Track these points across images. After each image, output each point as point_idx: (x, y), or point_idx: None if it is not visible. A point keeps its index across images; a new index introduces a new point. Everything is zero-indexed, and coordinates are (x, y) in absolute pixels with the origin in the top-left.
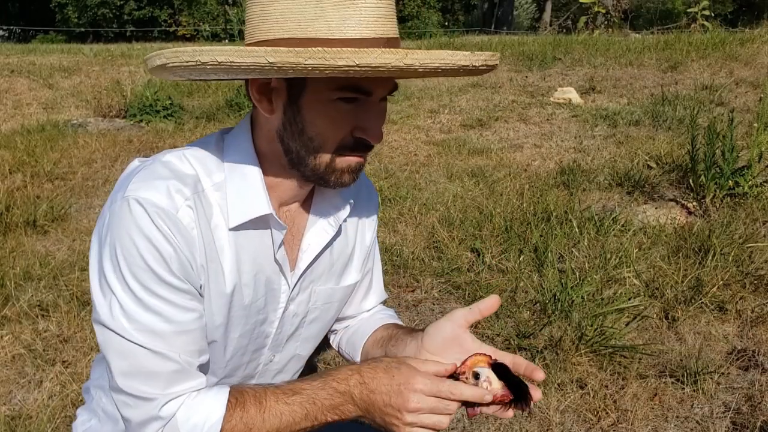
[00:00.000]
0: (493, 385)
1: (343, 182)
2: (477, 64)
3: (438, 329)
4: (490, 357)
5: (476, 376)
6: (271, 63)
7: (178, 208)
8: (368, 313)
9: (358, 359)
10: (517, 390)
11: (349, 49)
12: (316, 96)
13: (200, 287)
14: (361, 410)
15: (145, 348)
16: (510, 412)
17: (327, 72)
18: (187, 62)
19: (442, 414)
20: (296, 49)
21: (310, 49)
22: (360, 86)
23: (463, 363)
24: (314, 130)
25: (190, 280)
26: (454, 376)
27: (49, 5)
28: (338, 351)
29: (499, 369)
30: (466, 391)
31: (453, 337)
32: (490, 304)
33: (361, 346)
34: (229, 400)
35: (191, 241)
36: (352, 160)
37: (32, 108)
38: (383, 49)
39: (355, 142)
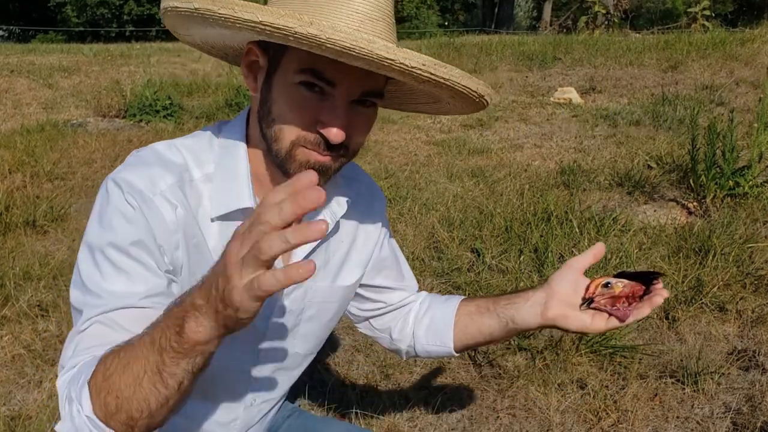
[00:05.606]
0: (621, 285)
1: None
2: (408, 64)
3: (562, 276)
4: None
5: (606, 285)
6: (196, 8)
7: (155, 193)
8: (414, 300)
9: (451, 345)
10: (645, 279)
11: (255, 4)
12: (284, 75)
13: (170, 272)
14: (208, 313)
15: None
16: (646, 309)
17: (238, 24)
18: (165, 7)
19: (262, 230)
20: None
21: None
22: (319, 72)
23: (588, 286)
24: (277, 111)
25: (153, 257)
26: (588, 299)
27: (48, 5)
28: (404, 352)
29: (624, 275)
30: (272, 195)
31: (576, 280)
32: (599, 248)
33: (452, 327)
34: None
35: (163, 225)
36: (311, 155)
37: (32, 108)
38: (290, 14)
39: (317, 137)
